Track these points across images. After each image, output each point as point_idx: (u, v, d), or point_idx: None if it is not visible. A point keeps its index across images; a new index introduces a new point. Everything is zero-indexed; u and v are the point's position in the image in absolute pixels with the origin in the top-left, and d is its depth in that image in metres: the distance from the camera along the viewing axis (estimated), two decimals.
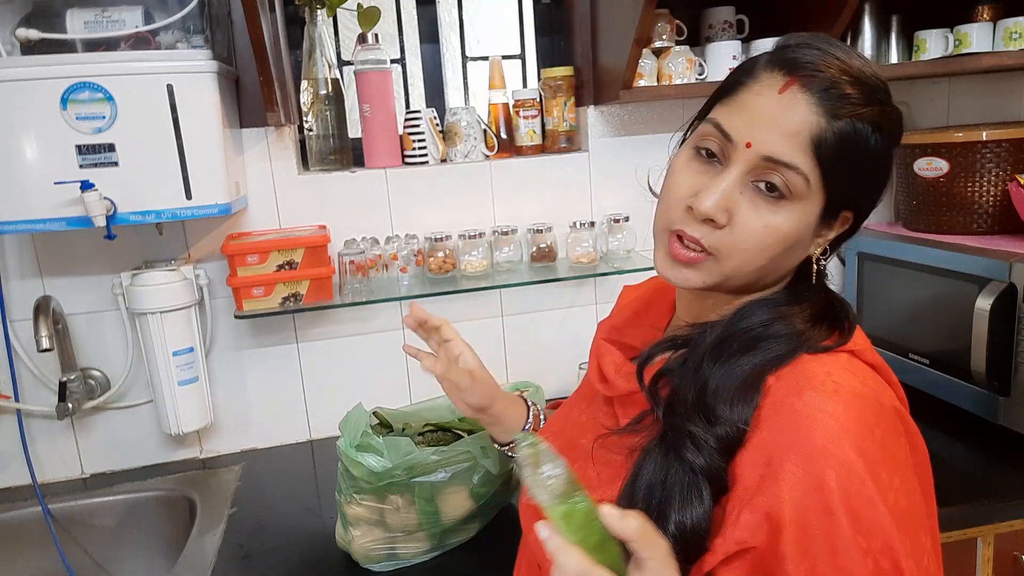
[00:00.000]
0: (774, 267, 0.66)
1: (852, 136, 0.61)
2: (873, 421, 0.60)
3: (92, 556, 1.31)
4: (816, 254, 0.68)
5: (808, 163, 0.61)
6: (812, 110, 0.61)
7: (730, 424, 0.61)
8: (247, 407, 1.45)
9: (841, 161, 0.61)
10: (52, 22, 1.10)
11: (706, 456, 0.61)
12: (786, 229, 0.63)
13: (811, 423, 0.58)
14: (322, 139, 1.41)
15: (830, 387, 0.60)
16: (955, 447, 1.27)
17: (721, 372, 0.64)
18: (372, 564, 1.02)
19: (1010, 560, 1.13)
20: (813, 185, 0.62)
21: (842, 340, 0.65)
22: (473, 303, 1.51)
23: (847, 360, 0.64)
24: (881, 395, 0.62)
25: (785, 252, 0.65)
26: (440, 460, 1.00)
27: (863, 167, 0.63)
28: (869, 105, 0.62)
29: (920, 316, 1.39)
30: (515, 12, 1.66)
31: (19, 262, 1.32)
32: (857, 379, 0.62)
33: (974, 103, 1.69)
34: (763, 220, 0.63)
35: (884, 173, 0.65)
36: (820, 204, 0.63)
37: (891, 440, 0.61)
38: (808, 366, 0.62)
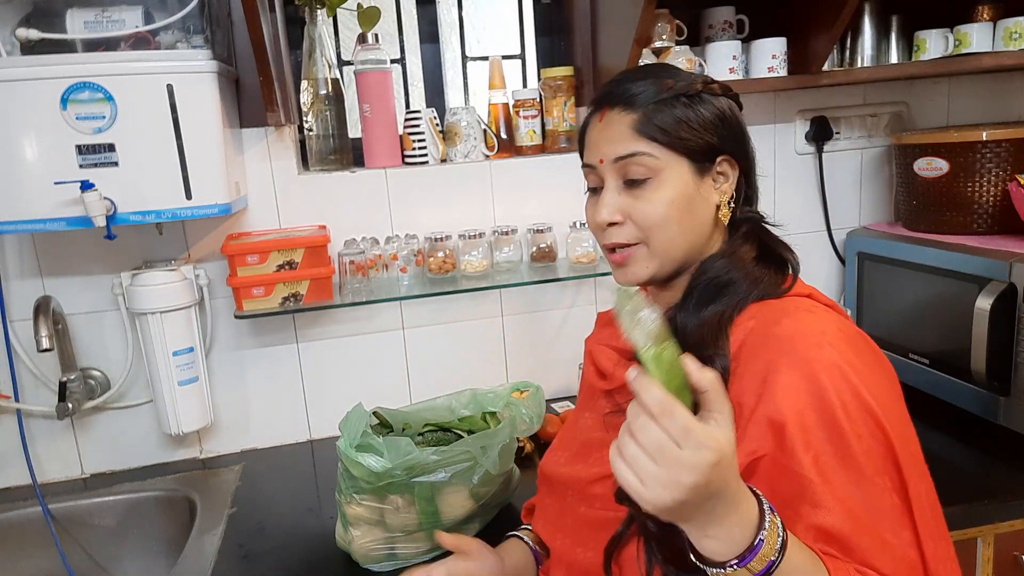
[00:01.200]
0: (689, 228, 0.77)
1: (663, 111, 0.75)
2: (851, 331, 0.72)
3: (92, 556, 1.31)
4: (723, 200, 0.79)
5: (644, 145, 0.75)
6: (623, 115, 0.77)
7: (711, 357, 0.70)
8: (247, 407, 1.45)
9: (668, 130, 0.75)
10: (52, 22, 1.09)
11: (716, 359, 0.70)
12: (670, 195, 0.75)
13: (794, 339, 0.69)
14: (322, 139, 1.41)
15: (804, 310, 0.72)
16: (955, 447, 1.26)
17: (688, 323, 0.74)
18: (372, 564, 1.02)
19: (1010, 560, 1.12)
20: (662, 156, 0.75)
21: (792, 280, 0.77)
22: (473, 303, 1.51)
23: (808, 301, 0.76)
24: (845, 321, 0.74)
25: (685, 212, 0.76)
26: (440, 460, 0.99)
27: (693, 124, 0.76)
28: (663, 89, 0.76)
29: (920, 316, 1.39)
30: (515, 12, 1.66)
31: (19, 262, 1.32)
32: (820, 308, 0.74)
33: (974, 103, 1.69)
34: (647, 200, 0.76)
35: (719, 120, 0.77)
36: (685, 163, 0.76)
37: (866, 347, 0.73)
38: (779, 303, 0.74)
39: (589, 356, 0.92)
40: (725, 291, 0.76)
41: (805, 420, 0.65)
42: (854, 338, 0.72)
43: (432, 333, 1.51)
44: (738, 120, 0.80)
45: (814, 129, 1.62)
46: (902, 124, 1.67)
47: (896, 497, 0.66)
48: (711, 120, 0.77)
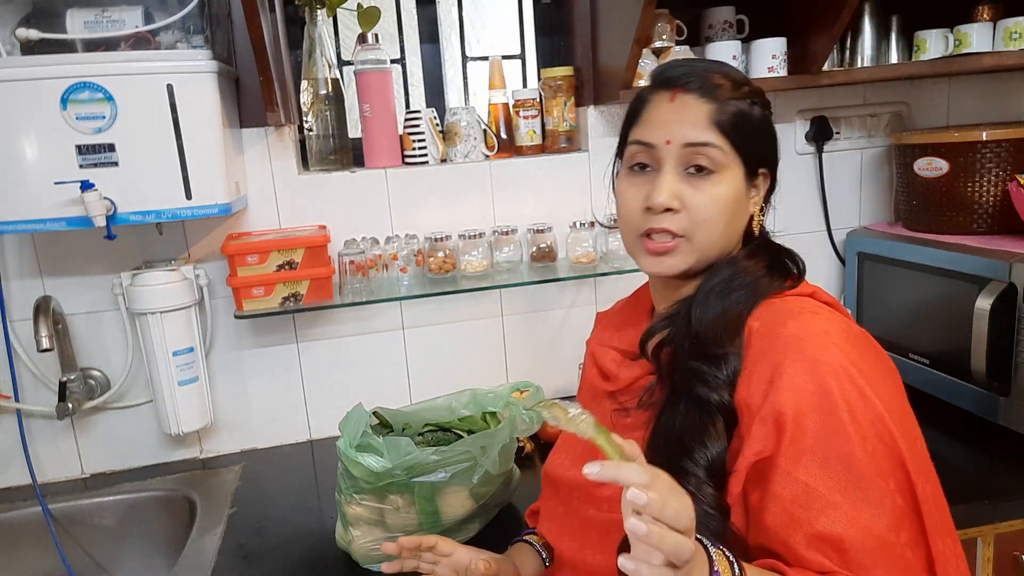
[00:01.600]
0: (730, 232, 0.78)
1: (737, 110, 0.76)
2: (856, 332, 0.73)
3: (92, 556, 1.31)
4: (755, 211, 0.81)
5: (717, 138, 0.75)
6: (700, 102, 0.76)
7: (725, 355, 0.71)
8: (247, 407, 1.45)
9: (738, 129, 0.76)
10: (52, 22, 1.09)
11: (714, 388, 0.71)
12: (726, 194, 0.76)
13: (800, 341, 0.69)
14: (322, 139, 1.41)
15: (808, 312, 0.73)
16: (955, 447, 1.26)
17: (705, 318, 0.75)
18: (372, 564, 1.02)
19: (1010, 560, 1.12)
20: (728, 154, 0.76)
21: (796, 283, 0.78)
22: (473, 303, 1.51)
23: (811, 302, 0.76)
24: (850, 321, 0.76)
25: (733, 215, 0.77)
26: (440, 460, 0.99)
27: (756, 131, 0.78)
28: (738, 88, 0.77)
29: (920, 316, 1.39)
30: (515, 12, 1.66)
31: (19, 262, 1.32)
32: (826, 309, 0.75)
33: (974, 103, 1.69)
34: (707, 194, 0.76)
35: (771, 133, 0.80)
36: (741, 167, 0.77)
37: (871, 351, 0.73)
38: (783, 304, 0.74)
39: (591, 357, 0.92)
40: (741, 291, 0.76)
41: (809, 423, 0.65)
42: (858, 338, 0.73)
43: (432, 333, 1.51)
44: (775, 135, 0.81)
45: (814, 129, 1.62)
46: (902, 124, 1.67)
47: (900, 498, 0.66)
48: (767, 130, 0.79)
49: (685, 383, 0.73)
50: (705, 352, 0.73)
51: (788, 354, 0.68)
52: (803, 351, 0.68)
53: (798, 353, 0.68)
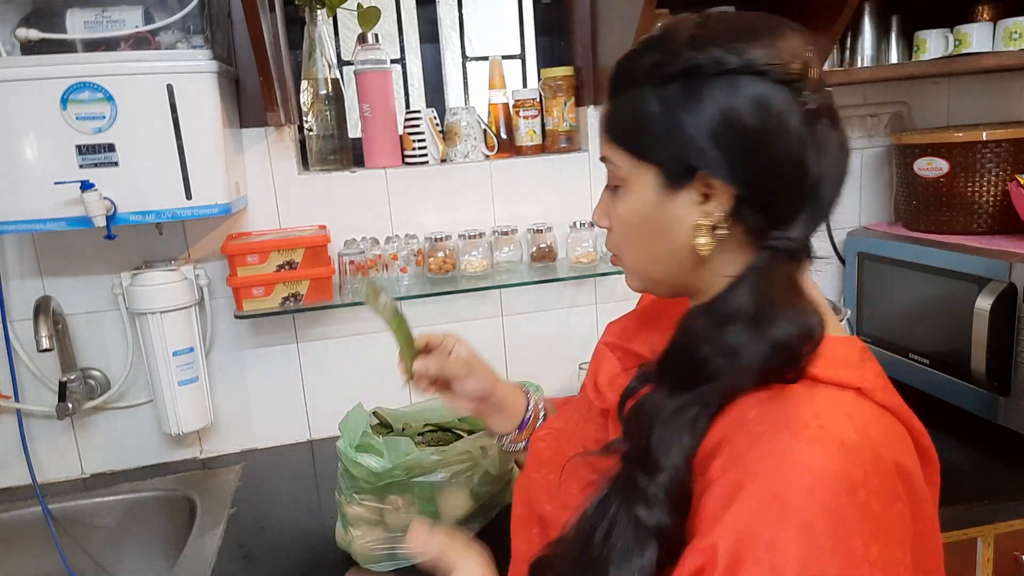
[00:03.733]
0: (657, 250, 0.64)
1: (633, 105, 0.62)
2: (860, 479, 0.51)
3: (92, 556, 1.31)
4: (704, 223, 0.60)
5: (610, 148, 0.64)
6: (606, 106, 0.66)
7: (671, 472, 0.55)
8: (247, 407, 1.45)
9: (627, 129, 0.62)
10: (52, 22, 1.09)
11: (655, 512, 0.55)
12: (628, 211, 0.64)
13: (780, 473, 0.50)
14: (322, 139, 1.41)
15: (813, 431, 0.52)
16: (955, 447, 1.26)
17: (663, 413, 0.58)
18: (372, 564, 1.02)
19: (1010, 560, 1.13)
20: (625, 164, 0.63)
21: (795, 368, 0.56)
22: (473, 303, 1.51)
23: (851, 400, 0.55)
24: (881, 447, 0.53)
25: (654, 234, 0.63)
26: (440, 460, 0.99)
27: (651, 124, 0.60)
28: (642, 70, 0.61)
29: (920, 316, 1.39)
30: (515, 12, 1.66)
31: (19, 262, 1.31)
32: (855, 426, 0.53)
33: (974, 103, 1.69)
34: (615, 210, 0.66)
35: (701, 118, 0.58)
36: (651, 175, 0.62)
37: (880, 502, 0.52)
38: (796, 402, 0.55)
39: (595, 357, 0.82)
40: (698, 377, 0.57)
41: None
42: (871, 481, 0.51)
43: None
44: (760, 123, 0.56)
45: None
46: (902, 124, 1.67)
47: None
48: (699, 123, 0.57)
49: (626, 493, 0.58)
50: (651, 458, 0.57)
51: (758, 481, 0.51)
52: (774, 486, 0.50)
53: (767, 486, 0.50)
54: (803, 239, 0.59)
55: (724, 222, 0.59)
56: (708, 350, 0.57)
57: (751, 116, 0.56)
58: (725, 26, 0.60)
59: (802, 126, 0.57)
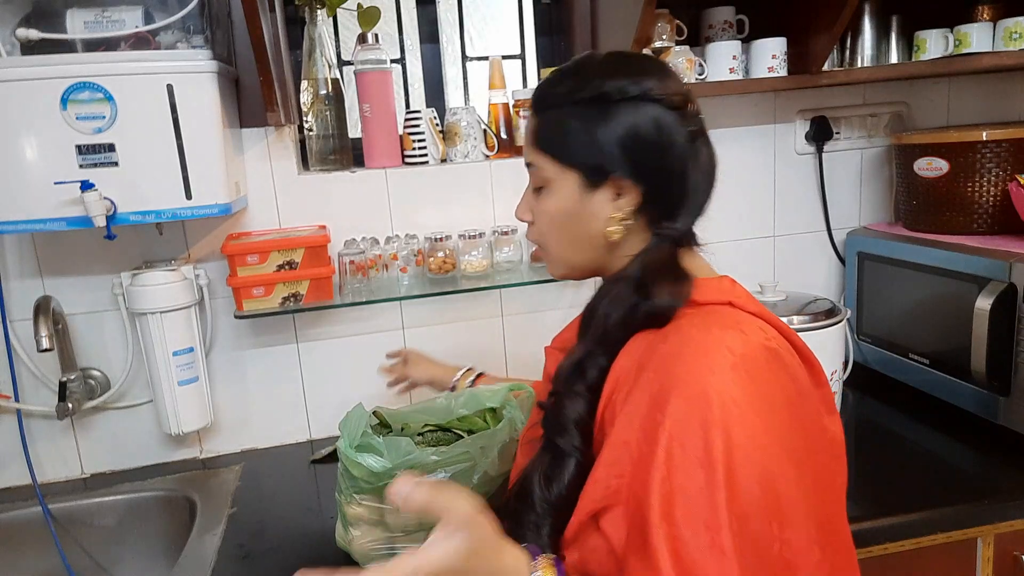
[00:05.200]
0: (577, 239, 0.77)
1: (556, 120, 0.75)
2: (739, 351, 0.65)
3: (92, 556, 1.31)
4: (616, 217, 0.74)
5: (537, 155, 0.77)
6: (531, 119, 0.78)
7: (573, 399, 0.71)
8: (247, 407, 1.45)
9: (554, 141, 0.75)
10: (52, 22, 1.09)
11: (567, 438, 0.70)
12: (554, 208, 0.77)
13: (674, 359, 0.64)
14: (322, 139, 1.41)
15: (696, 332, 0.67)
16: (955, 447, 1.26)
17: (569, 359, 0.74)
18: (372, 564, 1.02)
19: (1010, 560, 1.12)
20: (550, 168, 0.76)
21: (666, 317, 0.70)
22: (473, 303, 1.51)
23: (726, 311, 0.71)
24: (751, 334, 0.67)
25: (569, 224, 0.77)
26: (440, 460, 0.99)
27: (578, 137, 0.74)
28: (564, 92, 0.75)
29: (920, 316, 1.39)
30: (515, 12, 1.66)
31: (19, 262, 1.32)
32: (727, 321, 0.68)
33: (974, 103, 1.69)
34: (541, 208, 0.79)
35: (613, 134, 0.72)
36: (574, 177, 0.75)
37: (762, 379, 0.65)
38: (682, 321, 0.69)
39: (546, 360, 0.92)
40: (596, 326, 0.73)
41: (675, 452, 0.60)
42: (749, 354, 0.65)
43: (432, 333, 1.51)
44: (656, 138, 0.72)
45: (814, 129, 1.62)
46: (902, 124, 1.67)
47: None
48: (610, 136, 0.72)
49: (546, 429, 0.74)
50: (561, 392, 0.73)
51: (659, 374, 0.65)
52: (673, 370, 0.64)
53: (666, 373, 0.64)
54: (684, 228, 0.76)
55: (631, 215, 0.75)
56: (604, 304, 0.73)
57: (651, 131, 0.72)
58: (626, 62, 0.75)
59: (685, 142, 0.73)
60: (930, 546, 1.08)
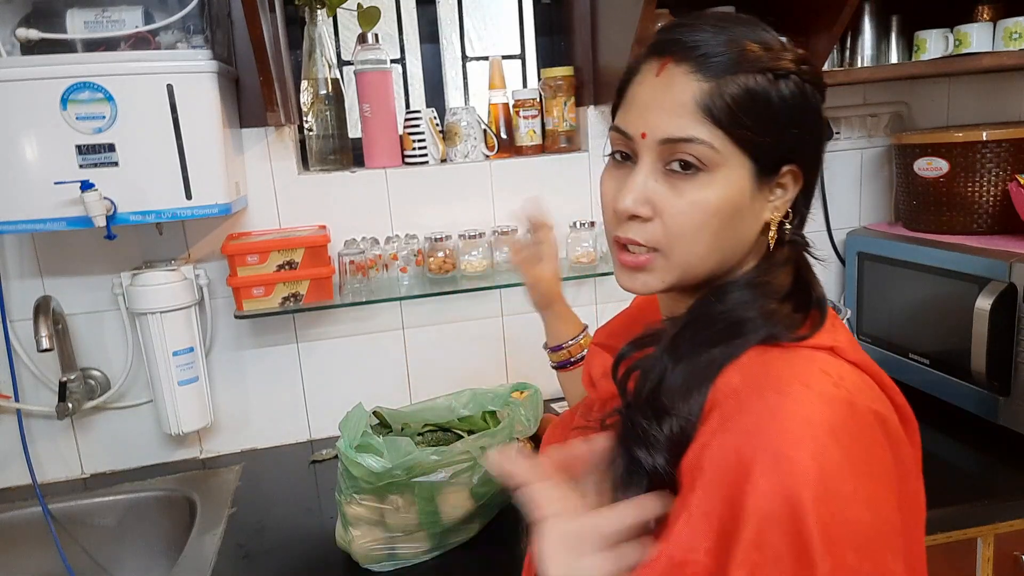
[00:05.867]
0: (725, 245, 0.62)
1: (745, 89, 0.59)
2: (840, 424, 0.54)
3: (92, 556, 1.31)
4: (776, 218, 0.64)
5: (706, 130, 0.59)
6: (691, 80, 0.59)
7: (677, 419, 0.58)
8: (247, 407, 1.45)
9: (744, 117, 0.59)
10: (52, 22, 1.09)
11: (653, 453, 0.58)
12: (714, 200, 0.60)
13: (771, 426, 0.53)
14: (322, 139, 1.41)
15: (797, 388, 0.55)
16: (955, 447, 1.26)
17: (675, 365, 0.61)
18: (372, 564, 1.02)
19: (1010, 560, 1.13)
20: (723, 149, 0.59)
21: (807, 332, 0.60)
22: (473, 303, 1.51)
23: (824, 358, 0.59)
24: (856, 396, 0.57)
25: (728, 225, 0.61)
26: (440, 460, 0.99)
27: (775, 115, 0.60)
28: (753, 56, 0.59)
29: (920, 316, 1.39)
30: (515, 12, 1.66)
31: (19, 262, 1.31)
32: (830, 379, 0.57)
33: (974, 103, 1.69)
34: (688, 199, 0.60)
35: (805, 117, 0.62)
36: (748, 164, 0.60)
37: (861, 447, 0.55)
38: (777, 365, 0.58)
39: (587, 359, 0.84)
40: (732, 332, 0.61)
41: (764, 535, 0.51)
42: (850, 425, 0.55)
43: (432, 333, 1.51)
44: (821, 121, 0.64)
45: None
46: (902, 124, 1.67)
47: None
48: (794, 115, 0.61)
49: (627, 437, 0.61)
50: (659, 404, 0.60)
51: (751, 439, 0.54)
52: (768, 440, 0.53)
53: (760, 442, 0.53)
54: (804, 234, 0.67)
55: (786, 216, 0.64)
56: (753, 313, 0.61)
57: (817, 117, 0.63)
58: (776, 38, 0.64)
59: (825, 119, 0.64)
60: (930, 546, 1.07)
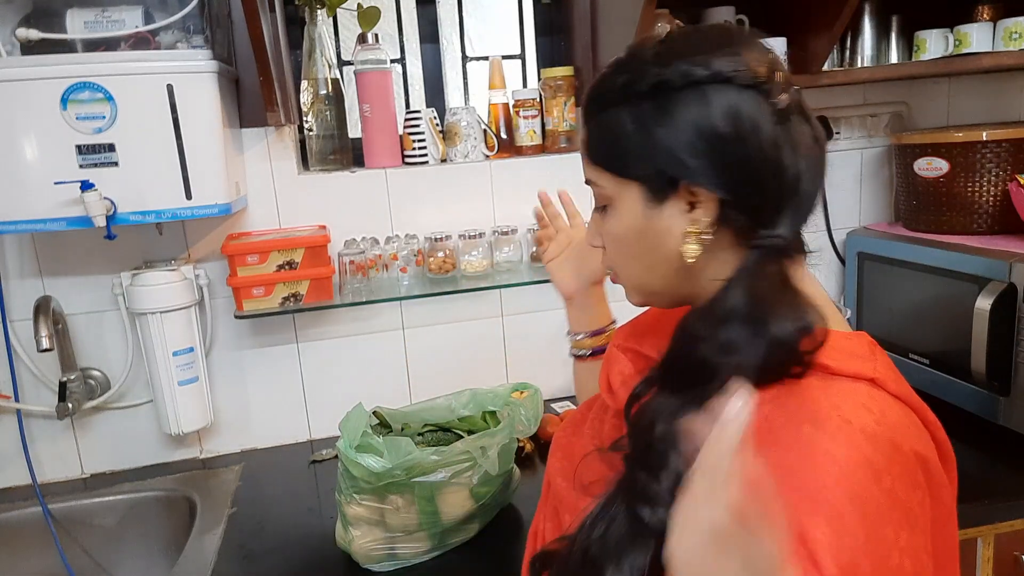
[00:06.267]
0: (655, 263, 0.64)
1: (607, 123, 0.63)
2: (884, 466, 0.51)
3: (92, 556, 1.31)
4: (694, 230, 0.61)
5: (594, 172, 0.66)
6: (584, 128, 0.67)
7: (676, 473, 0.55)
8: (247, 407, 1.45)
9: (607, 150, 0.64)
10: (52, 22, 1.09)
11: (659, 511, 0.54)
12: (618, 229, 0.65)
13: (805, 464, 0.51)
14: (322, 139, 1.41)
15: (835, 422, 0.53)
16: (955, 447, 1.25)
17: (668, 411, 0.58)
18: (372, 564, 1.02)
19: (1010, 560, 1.12)
20: (610, 184, 0.64)
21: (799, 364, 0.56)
22: (473, 303, 1.50)
23: (866, 391, 0.56)
24: (899, 435, 0.54)
25: (641, 247, 0.64)
26: (440, 460, 0.99)
27: (629, 141, 0.61)
28: (607, 87, 0.63)
29: (920, 316, 1.39)
30: (515, 12, 1.66)
31: (19, 262, 1.31)
32: (872, 416, 0.54)
33: (974, 103, 1.69)
34: (606, 231, 0.67)
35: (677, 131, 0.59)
36: (636, 190, 0.63)
37: (904, 490, 0.52)
38: (813, 395, 0.55)
39: (605, 360, 0.80)
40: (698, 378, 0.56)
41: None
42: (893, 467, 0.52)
43: (432, 333, 1.51)
44: (733, 127, 0.57)
45: None
46: (902, 124, 1.67)
47: None
48: (674, 135, 0.59)
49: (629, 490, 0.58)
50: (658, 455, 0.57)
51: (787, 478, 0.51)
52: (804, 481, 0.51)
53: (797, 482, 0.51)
54: (790, 235, 0.60)
55: (711, 227, 0.60)
56: (706, 350, 0.57)
57: (724, 123, 0.58)
58: (687, 41, 0.62)
59: (774, 126, 0.58)
60: None
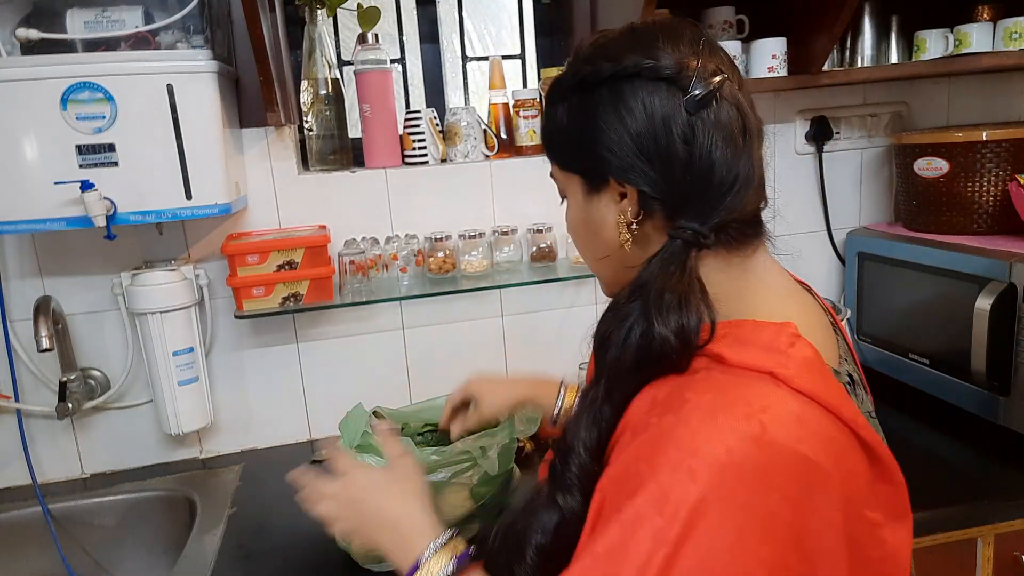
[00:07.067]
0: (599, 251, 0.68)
1: (547, 119, 0.68)
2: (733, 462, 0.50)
3: (92, 556, 1.31)
4: (622, 220, 0.63)
5: (550, 164, 0.71)
6: None
7: (579, 460, 0.60)
8: (247, 407, 1.45)
9: (556, 140, 0.68)
10: (52, 22, 1.09)
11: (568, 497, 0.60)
12: (570, 218, 0.71)
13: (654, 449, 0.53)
14: (322, 139, 1.41)
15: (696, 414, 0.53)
16: (955, 447, 1.27)
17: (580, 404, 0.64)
18: (372, 564, 1.02)
19: (1010, 560, 1.13)
20: (560, 175, 0.69)
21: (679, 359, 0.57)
22: (473, 303, 1.51)
23: (758, 385, 0.54)
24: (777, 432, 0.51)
25: (588, 235, 0.69)
26: (440, 460, 0.99)
27: (565, 135, 0.66)
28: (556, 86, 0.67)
29: (920, 316, 1.39)
30: (515, 12, 1.66)
31: (19, 262, 1.32)
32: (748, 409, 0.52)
33: (974, 103, 1.69)
34: (566, 220, 0.72)
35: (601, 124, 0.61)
36: (577, 182, 0.67)
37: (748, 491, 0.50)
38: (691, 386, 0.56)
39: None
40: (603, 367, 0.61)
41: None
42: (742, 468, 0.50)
43: (432, 333, 1.51)
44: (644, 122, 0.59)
45: (814, 129, 1.62)
46: (902, 124, 1.67)
47: None
48: (593, 130, 0.61)
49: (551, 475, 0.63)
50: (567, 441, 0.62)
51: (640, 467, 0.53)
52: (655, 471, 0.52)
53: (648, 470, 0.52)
54: (703, 224, 0.59)
55: (635, 218, 0.62)
56: (612, 339, 0.60)
57: (632, 118, 0.59)
58: (619, 38, 0.63)
59: (688, 115, 0.58)
60: (930, 546, 1.08)
